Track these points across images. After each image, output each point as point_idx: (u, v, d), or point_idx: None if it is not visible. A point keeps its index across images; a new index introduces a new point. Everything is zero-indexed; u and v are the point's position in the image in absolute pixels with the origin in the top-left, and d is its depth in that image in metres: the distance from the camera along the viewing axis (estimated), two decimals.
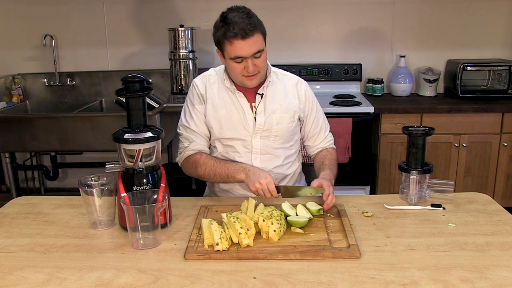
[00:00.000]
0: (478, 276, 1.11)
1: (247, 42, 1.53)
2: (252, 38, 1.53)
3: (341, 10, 3.38)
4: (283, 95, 1.74)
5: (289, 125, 1.74)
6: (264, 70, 1.66)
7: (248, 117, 1.70)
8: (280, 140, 1.74)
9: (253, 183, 1.52)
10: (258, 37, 1.55)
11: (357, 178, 3.07)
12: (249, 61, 1.56)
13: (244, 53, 1.54)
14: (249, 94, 1.71)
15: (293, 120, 1.75)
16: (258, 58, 1.58)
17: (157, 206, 1.28)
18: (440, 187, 1.59)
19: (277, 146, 1.74)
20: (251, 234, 1.27)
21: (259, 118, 1.70)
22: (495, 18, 3.36)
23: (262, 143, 1.72)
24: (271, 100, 1.71)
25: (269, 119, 1.70)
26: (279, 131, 1.72)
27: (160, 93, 3.32)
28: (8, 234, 1.38)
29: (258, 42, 1.56)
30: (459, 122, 2.96)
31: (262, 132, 1.71)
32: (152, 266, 1.19)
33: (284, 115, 1.72)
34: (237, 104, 1.70)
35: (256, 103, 1.70)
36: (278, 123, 1.71)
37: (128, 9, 3.38)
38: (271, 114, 1.70)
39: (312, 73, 3.35)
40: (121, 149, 1.36)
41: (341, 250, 1.23)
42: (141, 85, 1.38)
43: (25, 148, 2.94)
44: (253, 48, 1.54)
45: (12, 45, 3.46)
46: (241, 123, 1.70)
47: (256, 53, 1.56)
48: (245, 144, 1.71)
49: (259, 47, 1.56)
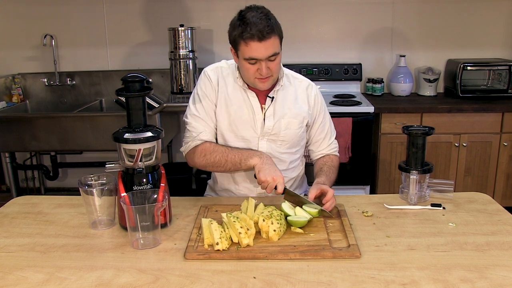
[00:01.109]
0: (478, 276, 1.11)
1: (263, 44, 1.49)
2: (269, 40, 1.49)
3: (341, 10, 3.38)
4: (294, 100, 1.71)
5: (297, 130, 1.71)
6: (277, 74, 1.62)
7: (257, 118, 1.67)
8: (287, 145, 1.72)
9: (264, 174, 1.49)
10: (275, 40, 1.52)
11: (357, 178, 3.07)
12: (263, 63, 1.53)
13: (259, 55, 1.51)
14: (259, 96, 1.68)
15: (302, 126, 1.73)
16: (272, 61, 1.54)
17: (157, 206, 1.28)
18: (440, 187, 1.59)
19: (283, 151, 1.72)
20: (251, 234, 1.27)
21: (268, 121, 1.67)
22: (495, 18, 3.36)
23: (269, 146, 1.69)
24: (281, 104, 1.69)
25: (278, 124, 1.67)
26: (286, 136, 1.70)
27: (160, 93, 3.32)
28: (8, 234, 1.38)
29: (275, 45, 1.52)
30: (459, 122, 2.96)
31: (270, 135, 1.68)
32: (152, 266, 1.19)
33: (293, 121, 1.69)
34: (248, 103, 1.67)
35: (266, 105, 1.68)
36: (287, 128, 1.69)
37: (128, 9, 3.38)
38: (280, 118, 1.68)
39: (312, 73, 3.35)
40: (121, 149, 1.36)
41: (341, 250, 1.23)
42: (141, 85, 1.37)
43: (25, 148, 2.94)
44: (269, 51, 1.51)
45: (12, 45, 3.46)
46: (249, 123, 1.67)
47: (271, 56, 1.52)
48: (250, 145, 1.68)
49: (275, 50, 1.52)
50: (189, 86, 3.01)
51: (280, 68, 1.67)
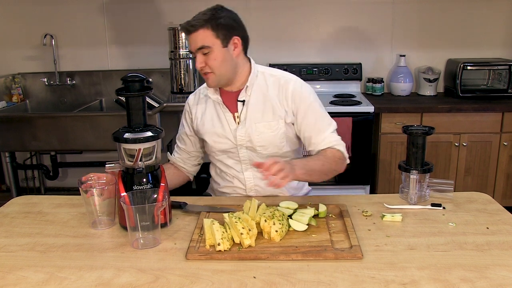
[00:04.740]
0: (478, 275, 1.11)
1: (191, 37, 1.51)
2: (196, 33, 1.49)
3: (341, 10, 3.38)
4: (268, 100, 1.62)
5: (274, 133, 1.62)
6: (222, 71, 1.55)
7: (232, 128, 1.63)
8: (268, 149, 1.63)
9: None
10: (204, 33, 1.49)
11: (357, 178, 3.07)
12: (197, 56, 1.52)
13: (190, 47, 1.54)
14: (231, 103, 1.64)
15: (279, 127, 1.62)
16: (207, 56, 1.51)
17: (157, 206, 1.28)
18: (440, 186, 1.59)
19: (266, 156, 1.63)
20: (253, 235, 1.26)
21: (239, 130, 1.62)
22: (495, 18, 3.36)
23: (250, 155, 1.65)
24: (253, 107, 1.62)
25: (250, 130, 1.61)
26: (262, 141, 1.62)
27: (160, 93, 3.32)
28: (8, 234, 1.38)
29: (204, 39, 1.49)
30: (459, 122, 2.96)
31: (246, 143, 1.63)
32: (152, 265, 1.19)
33: (267, 124, 1.61)
34: (221, 115, 1.64)
35: (239, 111, 1.63)
36: (261, 132, 1.61)
37: (128, 9, 3.38)
38: (252, 123, 1.61)
39: (312, 73, 3.35)
40: (121, 149, 1.36)
41: (343, 251, 1.22)
42: (141, 85, 1.37)
43: (25, 148, 2.94)
44: (197, 44, 1.50)
45: (12, 45, 3.46)
46: (224, 135, 1.64)
47: (200, 49, 1.50)
48: (233, 156, 1.67)
49: (204, 43, 1.49)
50: (189, 86, 3.01)
51: (227, 66, 1.55)
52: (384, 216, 1.43)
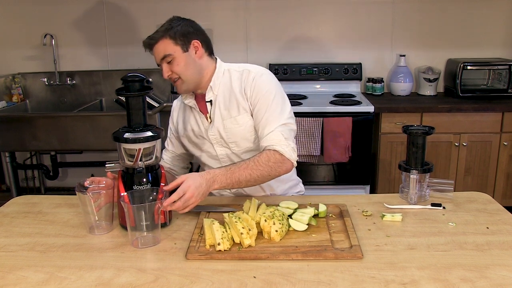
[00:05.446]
0: (478, 275, 1.11)
1: (154, 49, 1.55)
2: (156, 46, 1.54)
3: (341, 10, 3.38)
4: (233, 95, 1.61)
5: (242, 127, 1.61)
6: (189, 76, 1.57)
7: (206, 128, 1.67)
8: (240, 145, 1.65)
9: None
10: (163, 43, 1.53)
11: (357, 178, 3.07)
12: (162, 66, 1.56)
13: (156, 61, 1.58)
14: (203, 105, 1.67)
15: (246, 121, 1.61)
16: (171, 64, 1.55)
17: (157, 205, 1.28)
18: (440, 186, 1.59)
19: (242, 152, 1.66)
20: (253, 234, 1.26)
21: (210, 129, 1.65)
22: (495, 18, 3.36)
23: (226, 152, 1.68)
24: (220, 105, 1.63)
25: (220, 128, 1.63)
26: (232, 137, 1.63)
27: (160, 93, 3.33)
28: (8, 234, 1.38)
29: (165, 48, 1.54)
30: (459, 122, 2.96)
31: (219, 141, 1.66)
32: (152, 265, 1.19)
33: (233, 119, 1.61)
34: (197, 118, 1.68)
35: (209, 112, 1.66)
36: (229, 128, 1.62)
37: (128, 9, 3.38)
38: (220, 121, 1.63)
39: (312, 73, 3.35)
40: (121, 149, 1.36)
41: (343, 250, 1.22)
42: (141, 85, 1.38)
43: (25, 148, 2.94)
44: (159, 55, 1.55)
45: (12, 45, 3.46)
46: (200, 135, 1.69)
47: (164, 58, 1.54)
48: (211, 155, 1.71)
49: (166, 52, 1.53)
50: None
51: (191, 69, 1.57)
52: (384, 216, 1.43)
